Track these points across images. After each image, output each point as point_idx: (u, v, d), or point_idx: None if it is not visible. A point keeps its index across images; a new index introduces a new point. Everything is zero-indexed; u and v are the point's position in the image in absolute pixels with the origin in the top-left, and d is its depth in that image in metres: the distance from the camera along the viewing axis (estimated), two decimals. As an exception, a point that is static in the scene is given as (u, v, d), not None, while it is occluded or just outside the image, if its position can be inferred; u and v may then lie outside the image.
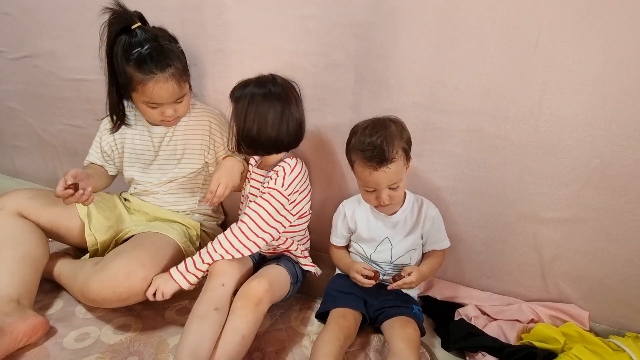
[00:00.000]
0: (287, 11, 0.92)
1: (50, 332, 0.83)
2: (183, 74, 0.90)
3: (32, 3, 1.21)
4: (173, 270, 0.81)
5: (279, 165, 0.88)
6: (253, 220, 0.83)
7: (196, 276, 0.82)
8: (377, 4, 0.85)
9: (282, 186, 0.85)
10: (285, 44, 0.95)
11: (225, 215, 1.20)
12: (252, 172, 0.97)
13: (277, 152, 0.90)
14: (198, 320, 0.74)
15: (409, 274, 0.84)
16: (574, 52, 0.76)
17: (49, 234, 0.93)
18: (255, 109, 0.83)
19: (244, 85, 0.87)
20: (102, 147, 1.04)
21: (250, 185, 0.96)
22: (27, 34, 1.25)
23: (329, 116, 0.97)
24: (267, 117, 0.83)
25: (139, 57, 0.83)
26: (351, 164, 0.85)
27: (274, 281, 0.83)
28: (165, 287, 0.79)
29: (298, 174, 0.88)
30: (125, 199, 1.07)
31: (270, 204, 0.84)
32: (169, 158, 1.02)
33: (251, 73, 1.01)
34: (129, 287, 0.78)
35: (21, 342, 0.76)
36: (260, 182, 0.92)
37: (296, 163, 0.89)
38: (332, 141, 1.00)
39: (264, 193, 0.86)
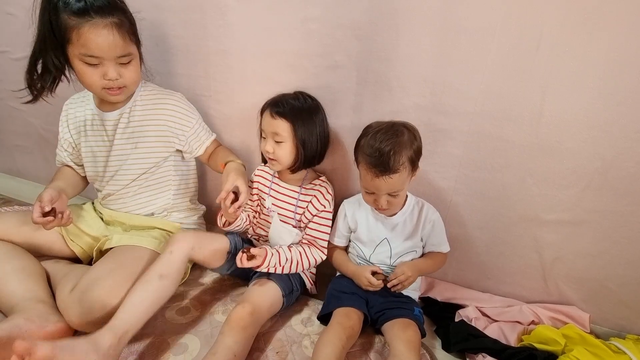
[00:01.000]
0: (289, 13, 0.92)
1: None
2: (129, 29, 0.80)
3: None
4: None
5: (320, 186, 0.96)
6: (319, 241, 0.94)
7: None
8: (379, 5, 0.85)
9: (330, 207, 0.95)
10: (287, 45, 0.95)
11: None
12: (276, 184, 0.98)
13: (318, 164, 0.97)
14: (140, 286, 0.76)
15: (401, 274, 0.85)
16: (575, 54, 0.76)
17: (30, 252, 0.89)
18: (314, 124, 0.89)
19: (288, 100, 0.89)
20: (62, 145, 0.98)
21: (277, 199, 0.98)
22: (30, 34, 1.25)
23: (330, 117, 0.97)
24: (323, 132, 0.91)
25: (74, 2, 0.74)
26: (357, 163, 0.85)
27: (259, 303, 0.84)
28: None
29: None
30: (99, 210, 1.02)
31: (329, 226, 0.95)
32: (126, 148, 0.93)
33: (253, 74, 1.02)
34: (107, 319, 0.73)
35: None
36: (295, 198, 0.96)
37: (329, 184, 0.99)
38: (334, 142, 1.00)
39: (322, 218, 0.95)
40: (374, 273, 0.88)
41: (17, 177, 1.55)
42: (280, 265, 0.89)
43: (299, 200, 0.96)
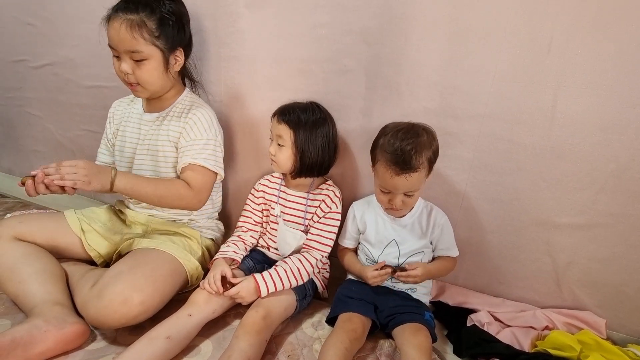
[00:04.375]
0: (298, 19, 0.94)
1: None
2: (148, 30, 0.84)
3: (53, 14, 1.25)
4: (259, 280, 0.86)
5: (328, 190, 0.97)
6: (322, 239, 0.95)
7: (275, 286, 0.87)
8: (388, 11, 0.86)
9: (338, 209, 0.96)
10: (297, 51, 0.97)
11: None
12: (284, 192, 1.00)
13: (323, 174, 0.98)
14: (146, 341, 0.74)
15: (414, 269, 0.85)
16: (587, 56, 0.76)
17: (52, 253, 0.92)
18: (317, 136, 0.91)
19: (297, 109, 0.91)
20: (102, 145, 1.05)
21: (285, 206, 0.99)
22: (48, 43, 1.30)
23: (340, 121, 0.98)
24: (326, 142, 0.92)
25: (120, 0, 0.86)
26: (374, 162, 0.86)
27: (273, 307, 0.85)
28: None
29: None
30: (120, 211, 1.04)
31: (336, 227, 0.96)
32: (149, 152, 0.96)
33: (263, 80, 1.03)
34: (126, 313, 0.77)
35: (56, 351, 0.76)
36: (303, 204, 0.97)
37: (337, 188, 0.99)
38: (343, 146, 1.01)
39: (328, 219, 0.95)
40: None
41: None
42: (280, 277, 0.87)
43: (308, 206, 0.97)
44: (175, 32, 0.89)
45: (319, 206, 0.96)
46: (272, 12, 0.96)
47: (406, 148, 0.78)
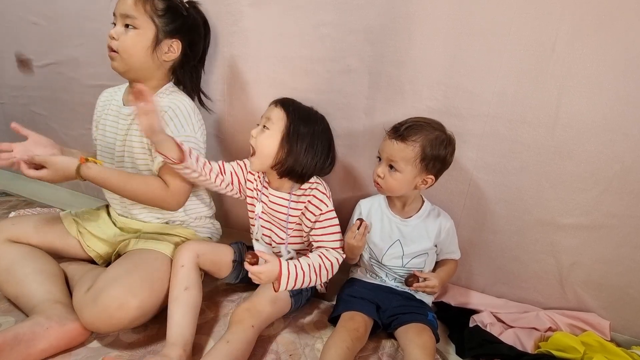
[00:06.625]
0: (302, 18, 0.94)
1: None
2: (152, 5, 0.84)
3: (57, 13, 1.26)
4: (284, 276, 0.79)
5: (311, 189, 0.90)
6: (332, 243, 0.90)
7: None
8: (392, 9, 0.85)
9: (329, 206, 0.90)
10: (300, 50, 0.97)
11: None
12: (266, 194, 0.93)
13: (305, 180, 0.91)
14: (174, 303, 0.80)
15: (425, 279, 0.85)
16: (592, 55, 0.75)
17: (49, 254, 0.92)
18: (309, 136, 0.85)
19: (297, 103, 0.89)
20: (92, 127, 1.01)
21: (269, 207, 0.93)
22: (53, 42, 1.31)
23: (342, 121, 0.98)
24: (326, 149, 0.89)
25: None
26: None
27: (259, 300, 0.85)
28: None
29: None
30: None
31: (336, 222, 0.90)
32: (126, 150, 0.91)
33: (266, 79, 1.03)
34: (122, 318, 0.76)
35: (59, 347, 0.77)
36: (285, 206, 0.91)
37: (322, 181, 0.93)
38: (346, 145, 1.01)
39: (325, 220, 0.89)
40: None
41: (39, 179, 1.60)
42: (303, 273, 0.81)
43: (290, 208, 0.91)
44: (187, 26, 0.89)
45: (304, 207, 0.90)
46: (275, 11, 0.96)
47: (407, 122, 0.83)
